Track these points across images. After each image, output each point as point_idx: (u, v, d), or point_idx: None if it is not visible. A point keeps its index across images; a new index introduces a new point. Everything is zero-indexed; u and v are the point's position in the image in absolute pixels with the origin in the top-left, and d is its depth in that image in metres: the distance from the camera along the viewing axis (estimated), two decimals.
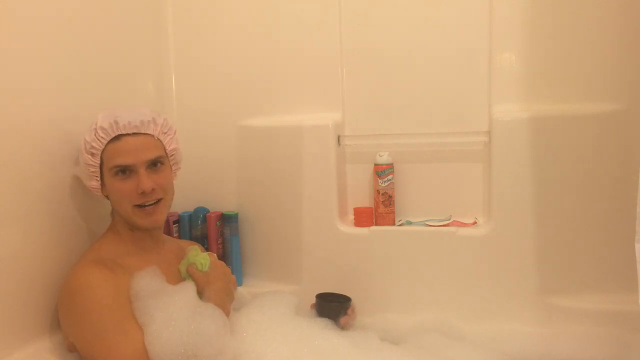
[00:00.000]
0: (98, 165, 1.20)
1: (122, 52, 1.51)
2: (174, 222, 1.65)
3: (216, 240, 1.69)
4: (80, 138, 1.23)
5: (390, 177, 1.60)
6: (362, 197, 1.69)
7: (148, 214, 1.20)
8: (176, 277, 1.25)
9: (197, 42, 1.74)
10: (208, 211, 1.72)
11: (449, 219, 1.60)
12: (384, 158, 1.60)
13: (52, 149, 1.24)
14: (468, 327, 1.47)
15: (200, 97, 1.74)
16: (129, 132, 1.19)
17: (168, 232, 1.61)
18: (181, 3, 1.73)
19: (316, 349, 1.21)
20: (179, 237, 1.66)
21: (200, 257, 1.26)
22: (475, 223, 1.58)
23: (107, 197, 1.25)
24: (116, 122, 1.17)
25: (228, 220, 1.69)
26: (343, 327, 1.35)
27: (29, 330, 1.16)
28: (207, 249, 1.63)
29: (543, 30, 1.47)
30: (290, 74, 1.66)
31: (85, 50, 1.36)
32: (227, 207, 1.73)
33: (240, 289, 1.56)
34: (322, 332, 1.27)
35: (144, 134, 1.21)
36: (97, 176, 1.21)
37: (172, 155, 1.28)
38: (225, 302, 1.20)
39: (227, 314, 1.19)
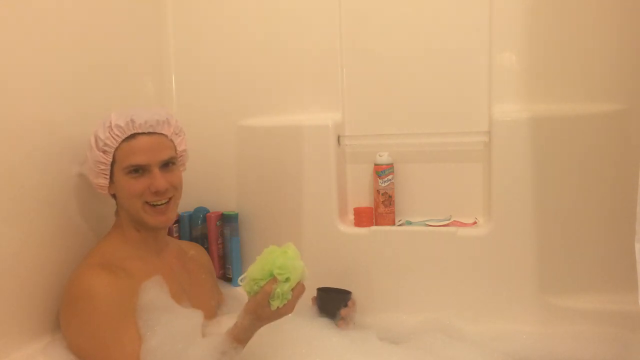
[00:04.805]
0: (109, 163, 1.19)
1: (122, 52, 1.51)
2: (174, 222, 1.65)
3: (216, 240, 1.69)
4: (82, 137, 1.23)
5: (390, 177, 1.60)
6: (362, 197, 1.69)
7: (159, 212, 1.21)
8: (178, 283, 1.25)
9: (197, 42, 1.74)
10: (208, 211, 1.72)
11: (449, 219, 1.60)
12: (384, 158, 1.60)
13: (53, 148, 1.24)
14: (468, 327, 1.47)
15: (200, 97, 1.74)
16: (144, 131, 1.19)
17: (168, 232, 1.61)
18: (181, 3, 1.73)
19: (316, 349, 1.21)
20: (179, 237, 1.66)
21: (288, 288, 1.06)
22: (475, 223, 1.58)
23: (112, 195, 1.25)
24: (132, 121, 1.17)
25: (228, 220, 1.69)
26: (343, 319, 1.36)
27: (30, 330, 1.16)
28: (207, 249, 1.63)
29: (543, 30, 1.47)
30: (290, 73, 1.66)
31: (85, 50, 1.36)
32: (227, 207, 1.73)
33: (239, 290, 1.56)
34: (321, 331, 1.27)
35: (159, 133, 1.22)
36: (106, 174, 1.20)
37: (181, 156, 1.29)
38: (249, 339, 1.13)
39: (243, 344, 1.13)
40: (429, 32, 1.56)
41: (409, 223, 1.63)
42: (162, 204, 1.21)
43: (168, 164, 1.22)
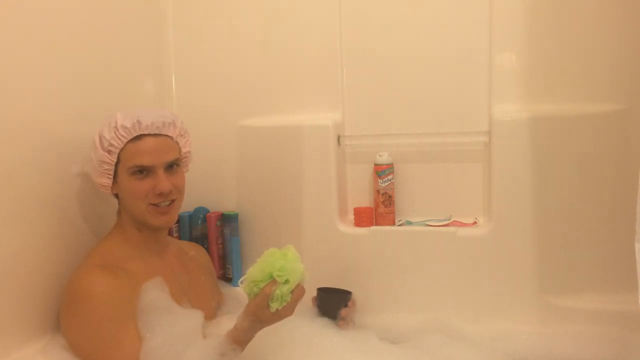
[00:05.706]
0: (114, 163, 1.19)
1: (122, 52, 1.51)
2: (174, 222, 1.65)
3: (216, 240, 1.69)
4: (82, 137, 1.23)
5: (390, 177, 1.60)
6: (362, 197, 1.69)
7: (162, 213, 1.21)
8: (178, 284, 1.25)
9: (197, 42, 1.73)
10: (208, 211, 1.72)
11: (449, 219, 1.60)
12: (384, 158, 1.60)
13: (53, 148, 1.23)
14: (468, 327, 1.47)
15: (200, 97, 1.74)
16: (150, 133, 1.19)
17: (168, 232, 1.61)
18: (181, 3, 1.73)
19: (316, 349, 1.21)
20: (179, 237, 1.66)
21: (287, 290, 1.05)
22: (475, 223, 1.58)
23: (115, 195, 1.25)
24: (139, 122, 1.17)
25: (228, 220, 1.69)
26: (343, 319, 1.36)
27: (30, 330, 1.16)
28: (207, 249, 1.63)
29: (543, 30, 1.47)
30: (290, 74, 1.66)
31: (85, 50, 1.36)
32: (227, 207, 1.73)
33: (239, 290, 1.56)
34: (321, 331, 1.27)
35: (164, 135, 1.21)
36: (110, 174, 1.21)
37: (185, 157, 1.29)
38: (249, 341, 1.13)
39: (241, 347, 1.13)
40: (429, 32, 1.56)
41: (409, 223, 1.63)
42: (165, 205, 1.21)
43: (172, 166, 1.23)
